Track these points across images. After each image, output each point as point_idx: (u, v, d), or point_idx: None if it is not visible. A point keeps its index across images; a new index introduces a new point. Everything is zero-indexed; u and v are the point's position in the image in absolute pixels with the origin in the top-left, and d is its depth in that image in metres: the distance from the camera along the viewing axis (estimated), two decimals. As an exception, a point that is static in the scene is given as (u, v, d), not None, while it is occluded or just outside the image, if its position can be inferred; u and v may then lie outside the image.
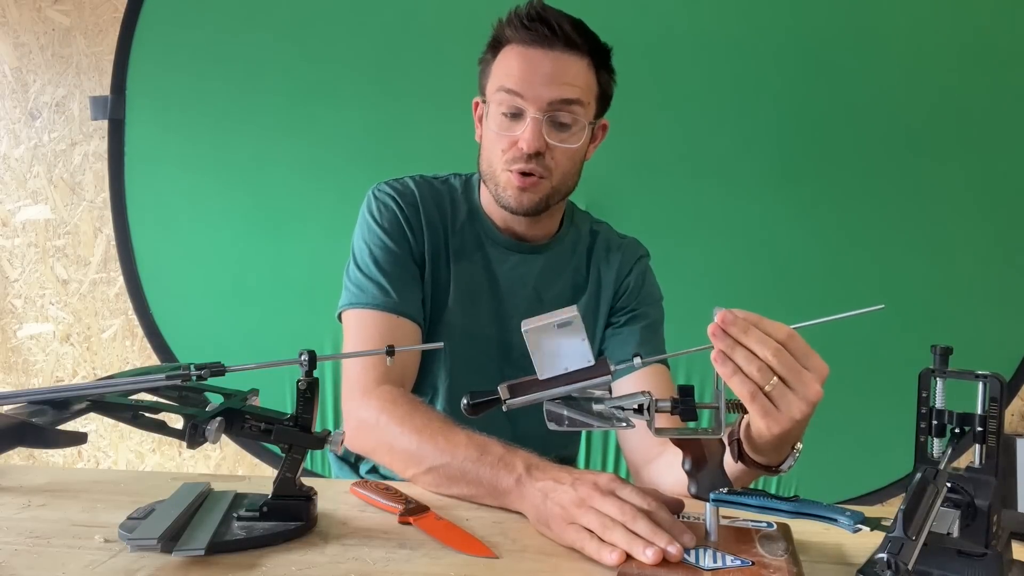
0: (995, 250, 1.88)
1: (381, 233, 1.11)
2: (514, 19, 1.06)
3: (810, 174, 1.90)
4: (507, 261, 1.16)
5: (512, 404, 0.69)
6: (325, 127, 1.95)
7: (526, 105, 1.04)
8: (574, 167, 1.11)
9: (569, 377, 0.68)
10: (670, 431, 0.74)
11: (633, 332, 1.17)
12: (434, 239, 1.13)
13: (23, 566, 0.67)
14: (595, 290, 1.20)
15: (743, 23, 1.87)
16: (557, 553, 0.72)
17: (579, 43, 1.06)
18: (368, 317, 1.07)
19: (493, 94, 1.08)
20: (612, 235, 1.25)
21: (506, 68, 1.06)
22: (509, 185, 1.08)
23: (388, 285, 1.08)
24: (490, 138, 1.09)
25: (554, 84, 1.04)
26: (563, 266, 1.19)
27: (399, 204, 1.13)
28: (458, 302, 1.13)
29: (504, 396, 0.69)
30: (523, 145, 1.04)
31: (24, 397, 0.74)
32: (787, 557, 0.67)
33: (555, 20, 1.04)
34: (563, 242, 1.20)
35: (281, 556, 0.70)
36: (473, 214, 1.17)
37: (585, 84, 1.07)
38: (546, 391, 0.69)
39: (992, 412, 0.64)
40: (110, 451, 2.19)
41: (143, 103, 2.01)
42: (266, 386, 0.88)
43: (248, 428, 0.75)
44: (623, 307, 1.20)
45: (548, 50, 1.04)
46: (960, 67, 1.85)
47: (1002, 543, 0.64)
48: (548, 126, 1.05)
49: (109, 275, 2.11)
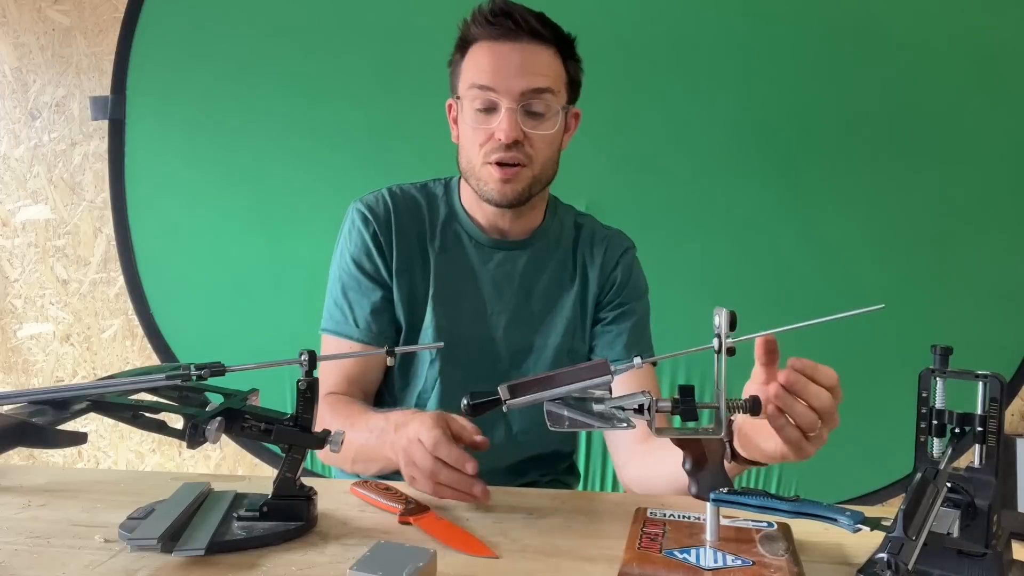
0: (995, 250, 1.88)
1: (350, 263, 1.16)
2: (479, 16, 1.09)
3: (810, 173, 1.90)
4: (492, 259, 1.17)
5: (512, 404, 0.69)
6: (325, 127, 1.95)
7: (499, 98, 1.06)
8: (552, 154, 1.13)
9: (570, 376, 0.69)
10: (671, 431, 0.74)
11: (623, 331, 1.19)
12: (407, 249, 1.15)
13: (23, 566, 0.67)
14: (582, 283, 1.21)
15: (743, 22, 1.87)
16: (557, 553, 0.72)
17: (544, 33, 1.08)
18: (336, 343, 1.15)
19: (466, 92, 1.09)
20: (597, 227, 1.26)
21: (476, 65, 1.08)
22: (491, 178, 1.09)
23: (355, 318, 1.14)
24: (467, 134, 1.11)
25: (524, 75, 1.06)
26: (548, 260, 1.20)
27: (369, 223, 1.15)
28: (440, 305, 1.15)
29: (504, 396, 0.69)
30: (500, 135, 1.06)
31: (24, 397, 0.74)
32: (788, 557, 0.67)
33: (519, 13, 1.07)
34: (547, 235, 1.21)
35: (281, 556, 0.70)
36: (453, 216, 1.19)
37: (554, 72, 1.09)
38: (546, 391, 0.69)
39: (992, 412, 0.64)
40: (110, 451, 2.19)
41: (143, 103, 2.01)
42: (266, 386, 0.88)
43: (248, 428, 0.75)
44: (610, 302, 1.21)
45: (515, 43, 1.07)
46: (961, 66, 1.85)
47: (1002, 543, 0.64)
48: (523, 115, 1.07)
49: (109, 275, 2.11)
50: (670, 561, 0.66)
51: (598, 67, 1.91)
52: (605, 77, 1.88)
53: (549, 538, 0.76)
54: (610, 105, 1.87)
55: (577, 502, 0.88)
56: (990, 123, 1.86)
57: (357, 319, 1.14)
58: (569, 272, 1.21)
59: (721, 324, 0.70)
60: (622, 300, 1.21)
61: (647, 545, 0.70)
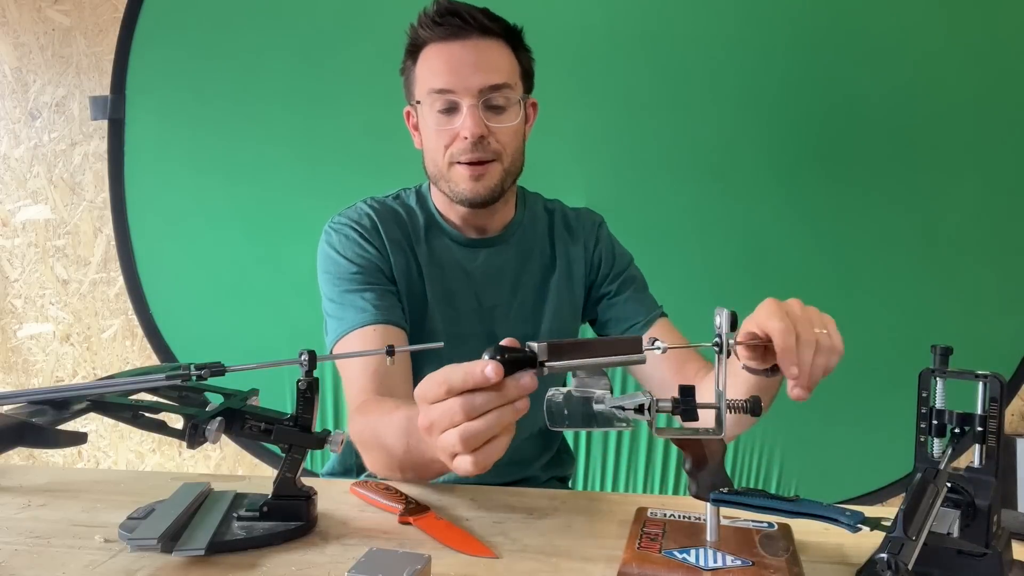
0: (995, 250, 1.88)
1: (344, 262, 1.12)
2: (425, 19, 1.08)
3: (810, 174, 1.90)
4: (477, 257, 1.18)
5: (552, 368, 0.63)
6: (325, 127, 1.95)
7: (459, 98, 1.06)
8: (519, 145, 1.14)
9: (606, 347, 0.65)
10: (672, 431, 0.74)
11: (629, 298, 1.21)
12: (402, 254, 1.15)
13: (23, 566, 0.67)
14: (564, 267, 1.22)
15: (746, 25, 1.86)
16: (557, 553, 0.72)
17: (493, 28, 1.08)
18: (356, 338, 1.05)
19: (425, 97, 1.09)
20: (567, 211, 1.28)
21: (430, 69, 1.08)
22: (460, 179, 1.09)
23: (364, 303, 1.08)
24: (431, 138, 1.11)
25: (480, 71, 1.06)
26: (530, 249, 1.21)
27: (357, 231, 1.14)
28: (437, 308, 1.15)
29: (543, 356, 0.63)
30: (465, 133, 1.06)
31: (24, 397, 0.74)
32: (787, 557, 0.67)
33: (465, 11, 1.07)
34: (523, 226, 1.22)
35: (281, 556, 0.70)
36: (432, 222, 1.19)
37: (508, 66, 1.10)
38: (586, 360, 0.64)
39: (992, 412, 0.64)
40: (110, 451, 2.19)
41: (143, 103, 2.01)
42: (266, 386, 0.88)
43: (248, 428, 0.75)
44: (607, 275, 1.23)
45: (466, 40, 1.07)
46: (961, 66, 1.85)
47: (1002, 543, 0.64)
48: (484, 110, 1.07)
49: (109, 275, 2.11)
50: (669, 561, 0.66)
51: (599, 68, 1.93)
52: (606, 78, 1.89)
53: (549, 538, 0.76)
54: (611, 106, 1.87)
55: (577, 502, 0.88)
56: (991, 124, 1.85)
57: (376, 305, 1.08)
58: (549, 258, 1.22)
59: (722, 324, 0.70)
60: (617, 270, 1.23)
61: (647, 545, 0.70)
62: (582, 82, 1.85)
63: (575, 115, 1.84)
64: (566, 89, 1.82)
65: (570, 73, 1.83)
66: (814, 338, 0.77)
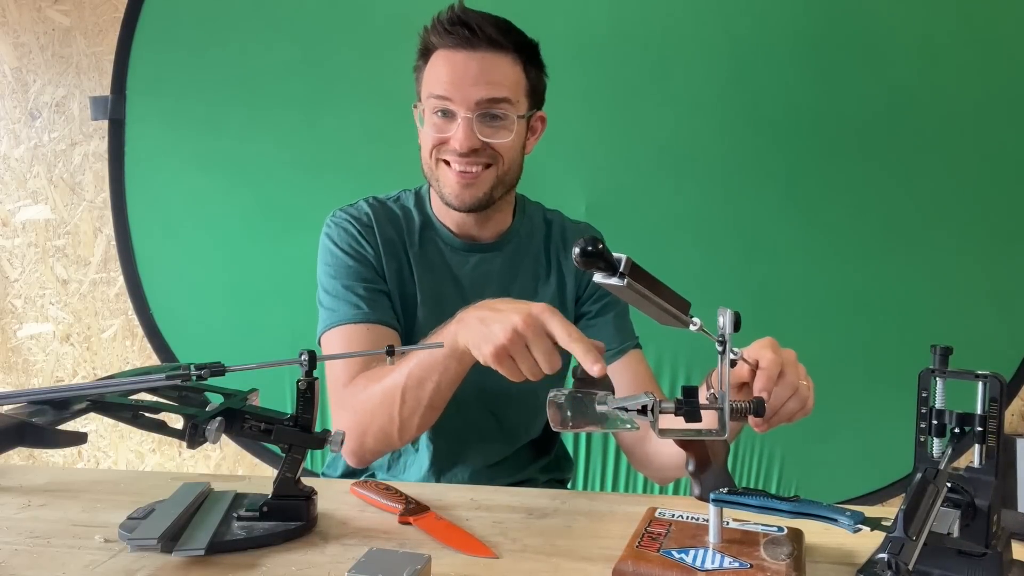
0: (995, 250, 1.88)
1: (342, 255, 1.14)
2: (437, 25, 1.09)
3: (810, 175, 1.90)
4: (468, 262, 1.18)
5: (633, 285, 0.67)
6: (325, 127, 1.95)
7: (456, 107, 1.06)
8: (516, 157, 1.13)
9: (667, 295, 0.69)
10: (674, 432, 0.74)
11: (607, 323, 1.19)
12: (395, 256, 1.15)
13: (23, 566, 0.67)
14: (558, 280, 1.21)
15: (744, 25, 1.86)
16: (557, 553, 0.72)
17: (502, 42, 1.07)
18: (345, 332, 1.08)
19: (426, 100, 1.10)
20: (566, 223, 1.27)
21: (435, 74, 1.09)
22: (447, 180, 1.10)
23: (358, 300, 1.10)
24: (426, 139, 1.11)
25: (480, 84, 1.06)
26: (523, 259, 1.21)
27: (356, 227, 1.15)
28: (428, 311, 1.15)
29: (625, 269, 0.67)
30: (456, 145, 1.06)
31: (24, 397, 0.74)
32: (789, 562, 0.66)
33: (475, 22, 1.06)
34: (519, 235, 1.21)
35: (281, 556, 0.70)
36: (427, 224, 1.19)
37: (512, 81, 1.09)
38: (652, 295, 0.69)
39: (992, 412, 0.64)
40: (110, 451, 2.19)
41: (143, 103, 2.01)
42: (266, 386, 0.88)
43: (248, 428, 0.75)
44: (592, 294, 1.21)
45: (472, 51, 1.06)
46: (961, 68, 1.85)
47: (1002, 543, 0.64)
48: (480, 123, 1.07)
49: (109, 275, 2.11)
50: (665, 560, 0.66)
51: (600, 69, 1.93)
52: (606, 79, 1.89)
53: (549, 538, 0.76)
54: (611, 107, 1.87)
55: (577, 502, 0.88)
56: (990, 125, 1.86)
57: (369, 304, 1.10)
58: (544, 268, 1.22)
59: (726, 324, 0.70)
60: (602, 292, 1.21)
61: (647, 544, 0.70)
62: (581, 82, 1.85)
63: (574, 116, 1.83)
64: (566, 89, 1.82)
65: (570, 73, 1.83)
66: (796, 382, 0.79)
